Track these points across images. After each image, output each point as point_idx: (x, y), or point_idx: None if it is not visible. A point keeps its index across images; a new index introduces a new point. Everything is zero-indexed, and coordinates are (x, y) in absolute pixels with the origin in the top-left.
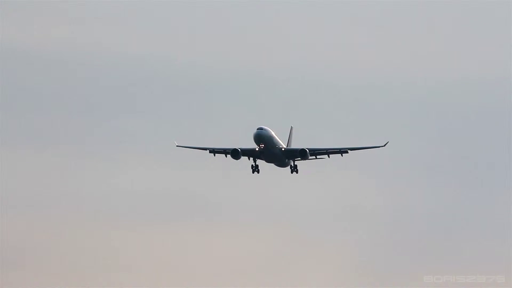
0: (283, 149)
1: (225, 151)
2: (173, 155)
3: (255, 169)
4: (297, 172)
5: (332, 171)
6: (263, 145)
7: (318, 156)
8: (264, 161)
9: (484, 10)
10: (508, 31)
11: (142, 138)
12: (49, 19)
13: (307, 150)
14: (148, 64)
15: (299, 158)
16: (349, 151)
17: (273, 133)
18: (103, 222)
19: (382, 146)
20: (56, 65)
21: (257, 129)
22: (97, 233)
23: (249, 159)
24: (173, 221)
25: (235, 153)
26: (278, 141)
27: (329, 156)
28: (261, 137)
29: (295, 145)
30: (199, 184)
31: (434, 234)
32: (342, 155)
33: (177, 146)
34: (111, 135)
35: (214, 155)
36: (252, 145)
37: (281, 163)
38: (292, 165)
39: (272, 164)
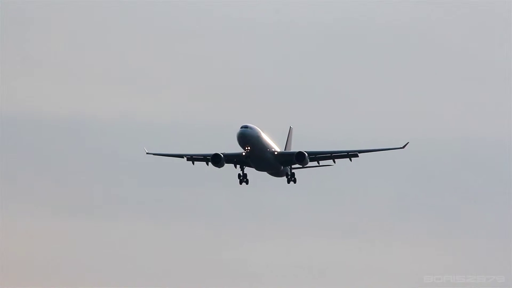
0: (275, 152)
1: (205, 158)
2: (143, 165)
3: (243, 179)
4: (294, 182)
5: (338, 180)
6: (249, 148)
7: (320, 162)
8: (254, 170)
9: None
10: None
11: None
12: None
13: (306, 154)
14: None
15: (297, 165)
16: (359, 154)
17: (261, 133)
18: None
19: (401, 148)
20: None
21: (241, 127)
22: None
23: (235, 167)
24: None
25: (217, 159)
26: (268, 143)
27: (334, 162)
28: (246, 137)
29: (295, 149)
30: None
31: (434, 233)
32: (351, 160)
33: (147, 153)
34: None
35: (193, 163)
36: (238, 149)
37: (275, 171)
38: (289, 173)
39: (265, 173)
